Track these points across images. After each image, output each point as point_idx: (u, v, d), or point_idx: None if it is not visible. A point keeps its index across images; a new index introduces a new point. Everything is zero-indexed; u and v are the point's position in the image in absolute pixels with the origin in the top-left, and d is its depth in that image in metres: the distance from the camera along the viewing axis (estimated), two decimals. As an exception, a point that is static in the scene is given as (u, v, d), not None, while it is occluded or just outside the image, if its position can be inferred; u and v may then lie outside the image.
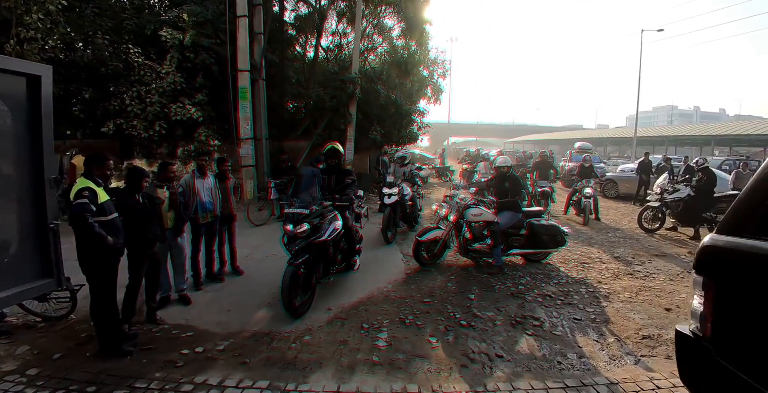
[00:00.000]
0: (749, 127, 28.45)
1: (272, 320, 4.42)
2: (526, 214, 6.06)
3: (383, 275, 5.81)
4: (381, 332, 4.06)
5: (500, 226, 5.75)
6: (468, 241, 6.00)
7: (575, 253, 6.92)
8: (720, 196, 8.50)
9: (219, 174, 5.82)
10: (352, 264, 5.43)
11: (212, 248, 5.67)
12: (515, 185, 5.95)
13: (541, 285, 5.33)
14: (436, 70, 22.79)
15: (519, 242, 5.98)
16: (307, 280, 4.60)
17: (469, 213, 5.88)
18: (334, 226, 4.81)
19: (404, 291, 5.20)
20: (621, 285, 5.41)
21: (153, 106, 12.11)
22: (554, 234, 5.89)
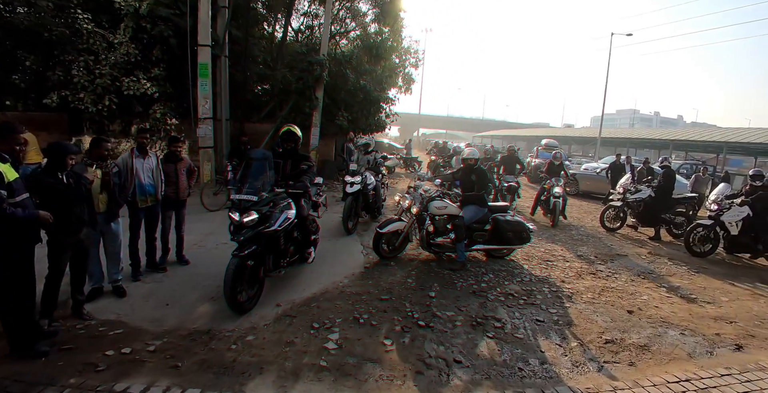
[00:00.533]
0: (705, 133, 29.79)
1: (214, 316, 4.02)
2: (492, 209, 5.87)
3: (340, 268, 5.47)
4: (332, 332, 3.73)
5: (464, 220, 5.52)
6: (430, 235, 5.75)
7: (539, 251, 6.80)
8: (678, 198, 8.62)
9: (169, 154, 5.31)
10: (306, 256, 5.06)
11: (154, 235, 5.17)
12: (481, 179, 5.72)
13: (504, 283, 5.13)
14: (409, 60, 22.47)
15: (483, 237, 5.77)
16: (254, 274, 4.21)
17: (432, 205, 5.63)
18: (286, 216, 4.41)
19: (361, 286, 4.89)
20: (584, 285, 5.30)
21: (103, 78, 11.15)
22: (519, 230, 5.72)
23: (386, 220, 5.84)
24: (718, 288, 5.70)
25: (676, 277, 6.06)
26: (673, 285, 5.63)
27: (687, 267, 6.59)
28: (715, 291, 5.57)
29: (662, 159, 8.66)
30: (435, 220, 5.70)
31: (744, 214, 6.92)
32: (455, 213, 5.63)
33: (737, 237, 6.90)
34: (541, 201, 9.55)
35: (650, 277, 5.90)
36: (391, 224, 5.69)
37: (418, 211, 5.64)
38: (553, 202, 8.92)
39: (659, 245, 7.98)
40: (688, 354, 3.70)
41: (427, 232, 5.74)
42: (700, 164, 22.75)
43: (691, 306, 4.93)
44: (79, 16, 10.97)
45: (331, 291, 4.74)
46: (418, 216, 5.68)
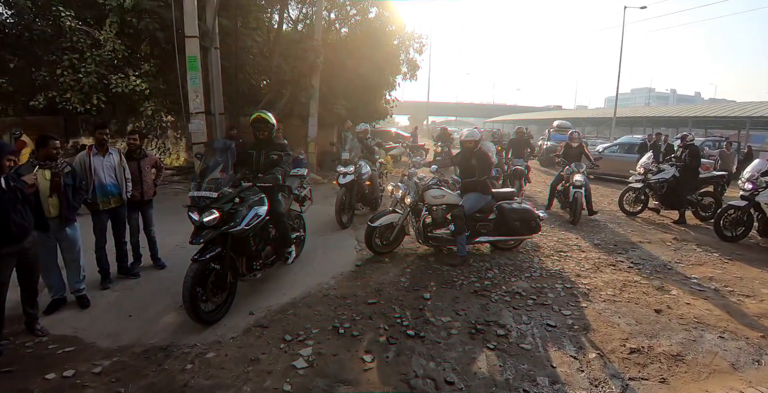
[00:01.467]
0: (725, 109, 28.43)
1: (178, 329, 3.54)
2: (496, 197, 5.27)
3: (329, 267, 4.96)
4: (305, 346, 3.21)
5: (465, 210, 4.93)
6: (428, 227, 5.18)
7: (551, 240, 6.17)
8: (705, 176, 7.87)
9: (129, 151, 4.85)
10: (286, 256, 4.54)
11: (123, 239, 4.71)
12: (482, 163, 5.10)
13: (510, 280, 4.54)
14: (413, 45, 21.61)
15: (487, 228, 5.18)
16: (220, 279, 3.71)
17: (428, 195, 5.05)
18: (255, 213, 3.89)
19: (348, 287, 4.36)
20: (602, 279, 4.67)
21: (89, 76, 10.72)
22: (527, 219, 5.12)
23: (379, 213, 5.29)
24: (756, 278, 5.02)
25: (708, 266, 5.38)
26: (705, 276, 4.97)
27: (718, 254, 5.89)
28: (754, 281, 4.89)
29: (683, 135, 7.83)
30: (432, 211, 5.13)
31: None
32: (454, 202, 5.04)
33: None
34: (558, 192, 7.97)
35: (678, 267, 5.24)
36: (383, 217, 5.14)
37: (413, 202, 5.08)
38: (574, 193, 7.23)
39: (685, 229, 7.26)
40: (731, 364, 3.07)
41: (424, 224, 5.17)
42: (723, 140, 21.61)
43: (729, 301, 4.27)
44: (62, 13, 10.53)
45: (314, 294, 4.22)
46: (414, 207, 5.12)
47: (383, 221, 5.11)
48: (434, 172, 5.33)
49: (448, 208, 5.07)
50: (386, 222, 5.13)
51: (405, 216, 5.13)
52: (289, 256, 4.58)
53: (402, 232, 5.27)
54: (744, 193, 6.38)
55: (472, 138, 5.20)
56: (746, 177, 6.45)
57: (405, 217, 5.14)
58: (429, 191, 5.06)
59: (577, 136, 8.11)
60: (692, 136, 7.89)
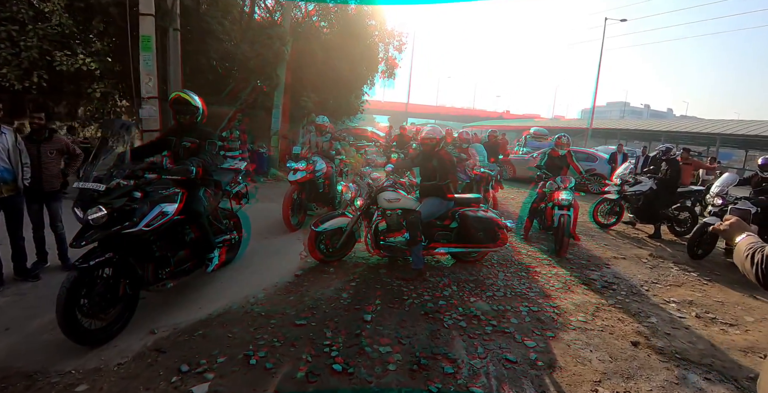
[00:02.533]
0: (698, 125, 29.12)
1: (58, 350, 2.86)
2: (458, 203, 4.67)
3: (263, 276, 4.26)
4: (203, 380, 2.52)
5: (422, 216, 4.31)
6: (381, 233, 4.54)
7: (520, 253, 5.61)
8: (683, 191, 7.49)
9: (32, 131, 4.08)
10: (207, 262, 3.82)
11: (20, 234, 3.94)
12: (444, 165, 4.49)
13: (469, 299, 3.91)
14: (392, 42, 21.07)
15: (446, 237, 4.57)
16: (110, 290, 2.98)
17: (382, 197, 4.41)
18: (159, 211, 3.16)
19: (278, 302, 3.67)
20: (573, 301, 4.10)
21: (29, 51, 9.69)
22: (492, 229, 4.53)
23: (325, 216, 4.60)
24: (738, 302, 4.57)
25: (686, 287, 4.91)
26: (684, 299, 4.48)
27: (697, 274, 5.45)
28: (736, 307, 4.43)
29: (666, 148, 7.42)
30: (386, 216, 4.48)
31: (753, 210, 5.80)
32: (411, 207, 4.42)
33: None
34: (538, 212, 6.37)
35: (655, 289, 4.75)
36: (330, 220, 4.47)
37: (365, 205, 4.45)
38: (559, 216, 5.61)
39: (661, 245, 6.84)
40: (724, 418, 2.52)
41: (376, 229, 4.53)
42: (702, 156, 21.74)
43: (712, 331, 3.77)
44: (-1, -22, 9.48)
45: (236, 310, 3.52)
46: (365, 210, 4.47)
47: (330, 225, 4.44)
48: (390, 173, 4.70)
49: (403, 214, 4.44)
50: (333, 226, 4.46)
51: (355, 220, 4.48)
52: (210, 262, 3.85)
53: (352, 238, 4.62)
54: (714, 210, 5.99)
55: (433, 136, 4.56)
56: (716, 192, 6.05)
57: (355, 221, 4.49)
58: (383, 194, 4.43)
59: (566, 141, 6.53)
60: (675, 150, 7.50)
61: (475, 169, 7.35)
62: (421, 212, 4.34)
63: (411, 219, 4.26)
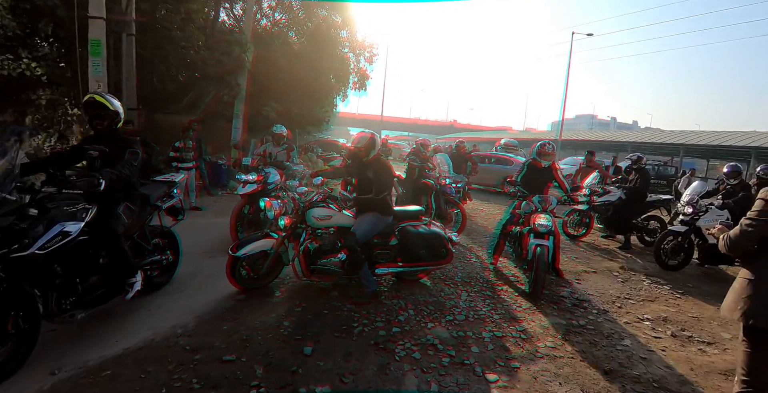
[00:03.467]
0: (662, 136, 29.97)
1: None
2: (399, 217, 4.16)
3: (200, 301, 3.77)
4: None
5: (359, 234, 3.80)
6: (313, 255, 3.96)
7: (485, 270, 5.25)
8: (652, 200, 7.36)
9: None
10: (126, 288, 3.30)
11: None
12: (383, 176, 3.93)
13: (426, 325, 3.50)
14: (363, 54, 20.91)
15: (386, 256, 4.06)
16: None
17: (311, 215, 3.90)
18: (60, 230, 2.66)
19: (208, 333, 3.18)
20: (541, 323, 3.74)
21: (-36, 53, 8.99)
22: (435, 244, 4.05)
23: (246, 238, 4.05)
24: (713, 317, 4.32)
25: (660, 302, 4.65)
26: (658, 316, 4.19)
27: (669, 286, 5.21)
28: (712, 323, 4.17)
29: (637, 157, 7.26)
30: (318, 235, 4.00)
31: (724, 218, 5.67)
32: (345, 224, 3.94)
33: (715, 246, 5.63)
34: (510, 237, 5.19)
35: (628, 304, 4.46)
36: (253, 243, 3.89)
37: (292, 223, 3.94)
38: (535, 247, 4.34)
39: (632, 256, 6.62)
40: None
41: (307, 251, 3.95)
42: (663, 165, 22.17)
43: (689, 351, 3.47)
44: (-69, -24, 8.78)
45: (158, 344, 3.02)
46: (292, 230, 3.98)
47: (251, 249, 3.85)
48: (318, 186, 4.21)
49: (338, 233, 3.96)
50: (256, 250, 3.89)
51: (281, 242, 3.94)
52: (130, 288, 3.34)
53: (279, 262, 4.05)
54: (684, 218, 5.82)
55: (360, 145, 3.98)
56: (686, 200, 5.91)
57: (281, 243, 3.93)
58: (312, 211, 3.90)
59: (551, 149, 5.25)
60: (646, 160, 7.37)
61: (440, 179, 7.00)
62: (358, 230, 3.79)
63: (347, 241, 3.74)
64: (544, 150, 5.22)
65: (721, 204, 5.85)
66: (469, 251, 6.04)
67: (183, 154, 7.69)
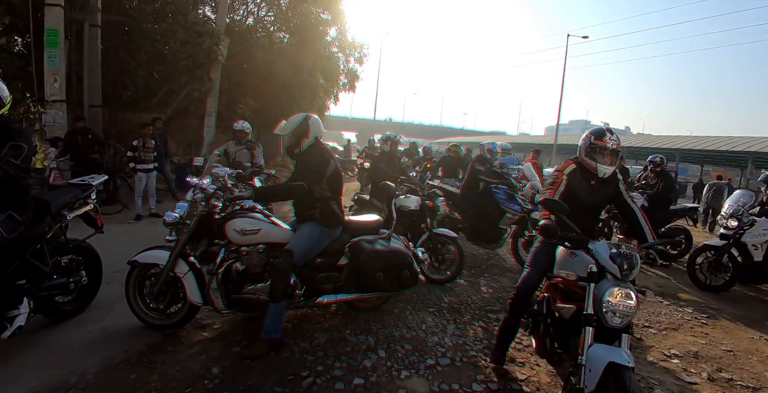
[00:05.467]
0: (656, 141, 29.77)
1: None
2: (351, 230, 3.24)
3: (115, 335, 2.97)
4: None
5: (296, 254, 2.84)
6: (238, 281, 2.98)
7: (479, 292, 4.46)
8: (677, 208, 6.65)
9: None
10: (4, 324, 2.49)
11: None
12: (308, 170, 2.95)
13: (399, 375, 2.66)
14: (353, 54, 20.20)
15: (333, 281, 3.13)
16: None
17: (233, 228, 2.93)
18: None
19: (107, 387, 2.37)
20: (547, 369, 2.94)
21: None
22: (396, 266, 3.13)
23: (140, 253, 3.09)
24: (749, 350, 3.57)
25: (685, 331, 3.88)
26: (688, 351, 3.42)
27: (691, 308, 4.46)
28: (750, 358, 3.42)
29: (660, 159, 6.51)
30: (244, 255, 2.98)
31: None
32: (278, 240, 3.00)
33: (761, 263, 4.92)
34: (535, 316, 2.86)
35: (650, 336, 3.68)
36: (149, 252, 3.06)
37: (187, 234, 2.98)
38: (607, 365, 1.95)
39: (647, 270, 5.88)
40: None
41: (227, 276, 2.97)
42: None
43: (735, 404, 2.72)
44: None
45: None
46: (206, 247, 3.08)
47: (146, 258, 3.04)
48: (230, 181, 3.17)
49: (268, 251, 3.02)
50: (148, 260, 3.05)
51: (171, 262, 2.92)
52: (9, 324, 2.52)
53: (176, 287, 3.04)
54: (726, 232, 5.10)
55: (291, 130, 2.99)
56: (729, 212, 5.19)
57: (172, 263, 2.93)
58: (234, 223, 2.93)
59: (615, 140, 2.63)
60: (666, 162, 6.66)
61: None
62: (295, 247, 2.86)
63: (277, 262, 2.81)
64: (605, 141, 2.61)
65: None
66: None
67: (141, 154, 6.85)
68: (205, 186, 3.08)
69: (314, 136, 3.03)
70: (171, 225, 3.19)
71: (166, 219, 3.19)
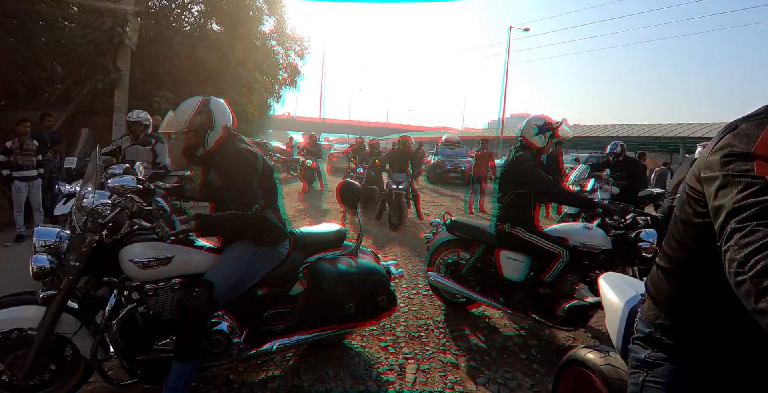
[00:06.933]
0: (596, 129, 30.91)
1: None
2: (306, 246, 2.36)
3: None
4: None
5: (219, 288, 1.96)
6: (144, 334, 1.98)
7: (432, 306, 3.66)
8: (643, 195, 6.23)
9: None
10: None
11: None
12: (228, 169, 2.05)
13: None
14: (293, 47, 19.04)
15: (285, 319, 2.27)
16: None
17: (128, 258, 1.92)
18: None
19: None
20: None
21: None
22: (369, 289, 2.31)
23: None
24: None
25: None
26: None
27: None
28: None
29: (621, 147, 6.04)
30: (149, 296, 1.96)
31: None
32: (195, 271, 2.05)
33: None
34: None
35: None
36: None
37: (71, 269, 1.86)
38: None
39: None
40: None
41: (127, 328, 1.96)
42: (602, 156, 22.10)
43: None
44: None
45: None
46: (71, 286, 1.90)
47: None
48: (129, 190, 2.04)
49: (187, 286, 2.04)
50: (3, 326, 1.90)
51: (52, 314, 1.85)
52: None
53: (63, 356, 2.02)
54: None
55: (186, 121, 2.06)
56: None
57: (53, 315, 1.86)
58: (128, 250, 1.94)
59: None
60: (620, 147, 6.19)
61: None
62: (218, 278, 1.98)
63: (187, 301, 1.94)
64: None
65: None
66: (416, 280, 4.39)
67: (19, 158, 5.50)
68: (87, 203, 2.04)
69: (222, 126, 2.12)
70: (42, 277, 2.01)
71: (34, 268, 1.98)
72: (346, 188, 2.72)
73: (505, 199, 3.01)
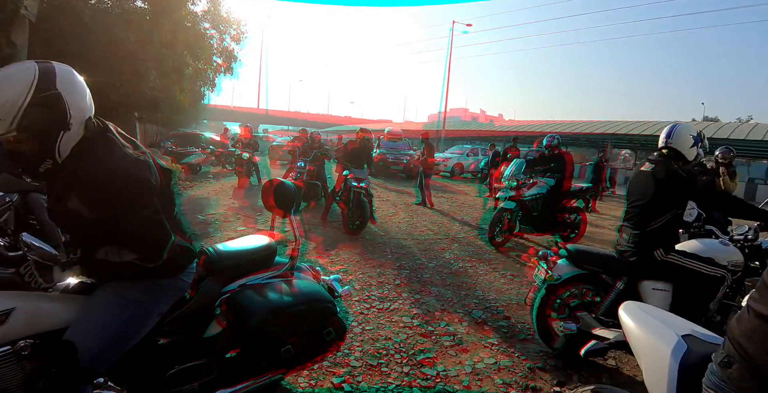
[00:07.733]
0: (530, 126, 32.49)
1: None
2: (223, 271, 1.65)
3: None
4: None
5: (78, 349, 1.27)
6: None
7: (355, 332, 3.26)
8: (575, 190, 6.24)
9: None
10: None
11: None
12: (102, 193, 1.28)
13: None
14: (229, 31, 17.81)
15: (201, 376, 1.57)
16: None
17: None
18: None
19: None
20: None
21: None
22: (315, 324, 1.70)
23: None
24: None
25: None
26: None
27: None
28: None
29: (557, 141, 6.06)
30: None
31: None
32: (64, 324, 1.34)
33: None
34: None
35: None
36: None
37: None
38: None
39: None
40: None
41: None
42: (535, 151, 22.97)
43: None
44: None
45: None
46: None
47: None
48: None
49: (41, 349, 1.34)
50: None
51: None
52: None
53: None
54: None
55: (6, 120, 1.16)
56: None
57: None
58: None
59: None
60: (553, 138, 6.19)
61: None
62: (80, 337, 1.30)
63: (45, 371, 1.25)
64: None
65: None
66: (369, 290, 3.93)
67: None
68: None
69: (80, 120, 1.29)
70: None
71: None
72: (279, 190, 1.91)
73: (659, 221, 2.51)
